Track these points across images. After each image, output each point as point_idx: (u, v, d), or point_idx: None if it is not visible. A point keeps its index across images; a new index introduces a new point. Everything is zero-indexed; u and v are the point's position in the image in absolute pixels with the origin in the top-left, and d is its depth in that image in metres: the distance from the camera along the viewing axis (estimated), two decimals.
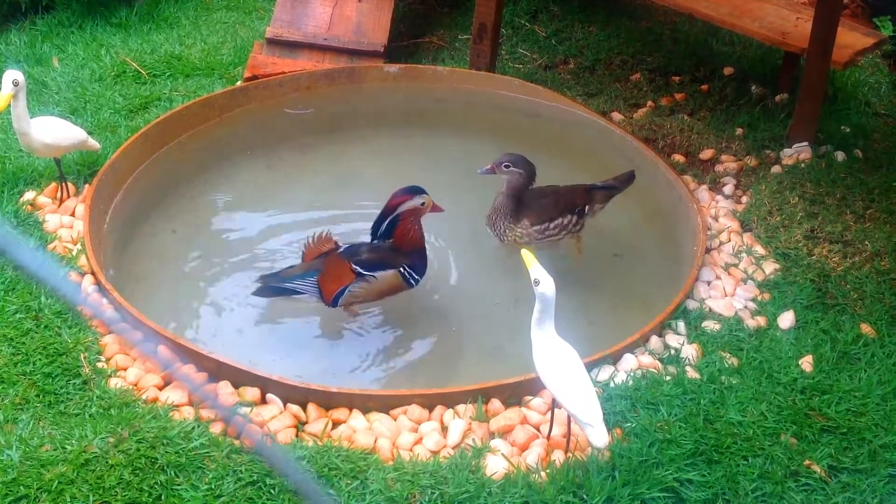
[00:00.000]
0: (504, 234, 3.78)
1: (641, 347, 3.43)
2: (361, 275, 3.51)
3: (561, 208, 3.80)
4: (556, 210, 3.79)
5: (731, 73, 5.06)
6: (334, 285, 3.52)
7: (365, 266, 3.52)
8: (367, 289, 3.54)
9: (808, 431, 3.12)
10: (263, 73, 4.81)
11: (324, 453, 2.93)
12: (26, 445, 2.88)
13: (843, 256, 3.84)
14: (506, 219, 3.76)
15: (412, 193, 3.52)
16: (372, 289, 3.55)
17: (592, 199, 3.89)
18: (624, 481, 2.86)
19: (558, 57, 5.26)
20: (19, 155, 4.14)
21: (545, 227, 3.78)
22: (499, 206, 3.77)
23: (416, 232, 3.55)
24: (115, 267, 3.79)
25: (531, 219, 3.76)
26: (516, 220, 3.75)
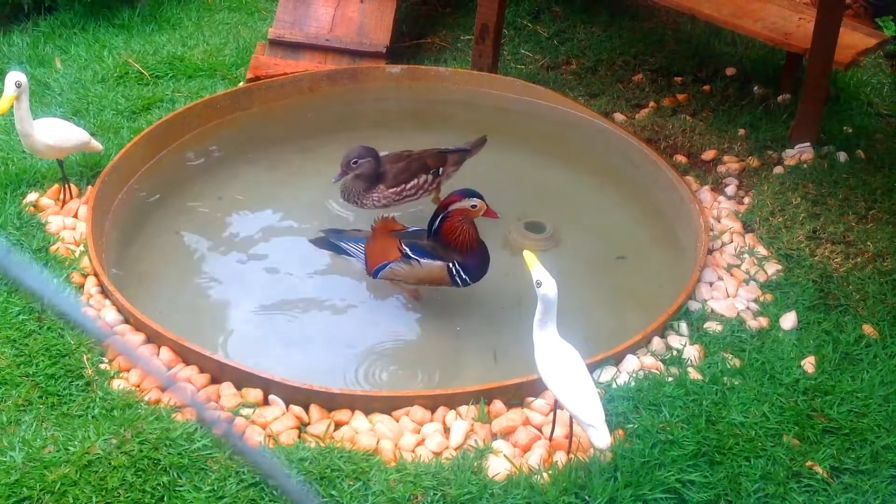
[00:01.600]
0: (361, 201, 3.92)
1: (643, 348, 3.43)
2: (407, 256, 3.58)
3: (415, 170, 3.96)
4: (410, 173, 3.95)
5: (734, 73, 5.06)
6: (379, 258, 3.63)
7: (413, 249, 3.59)
8: (408, 271, 3.61)
9: (811, 432, 3.12)
10: (266, 74, 4.82)
11: (326, 455, 2.93)
12: (29, 447, 2.89)
13: (845, 257, 3.83)
14: (362, 189, 3.90)
15: (464, 195, 3.53)
16: (413, 272, 3.61)
17: (446, 162, 4.05)
18: (626, 482, 2.86)
19: (560, 57, 5.26)
20: (22, 156, 4.15)
21: (402, 189, 3.93)
22: (351, 186, 3.91)
23: (465, 233, 3.55)
24: (118, 267, 3.79)
25: (388, 182, 3.91)
26: (373, 187, 3.89)
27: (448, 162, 4.08)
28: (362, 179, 3.89)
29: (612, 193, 4.43)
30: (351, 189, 3.92)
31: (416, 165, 3.98)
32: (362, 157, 3.84)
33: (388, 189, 3.92)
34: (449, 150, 4.09)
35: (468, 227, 3.55)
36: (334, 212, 4.22)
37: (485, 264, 3.62)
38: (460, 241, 3.54)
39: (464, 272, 3.56)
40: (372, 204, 3.93)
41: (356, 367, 3.52)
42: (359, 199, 3.94)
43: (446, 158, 4.07)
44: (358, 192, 3.91)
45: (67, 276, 3.57)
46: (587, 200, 4.39)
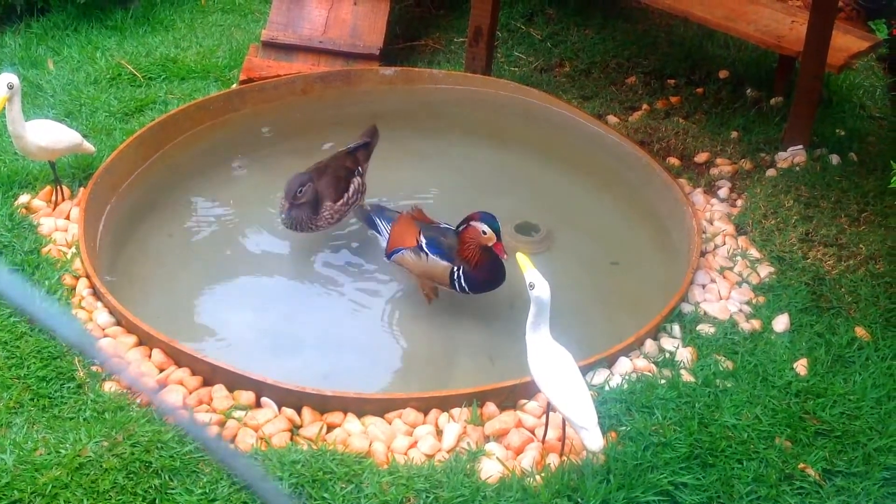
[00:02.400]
0: (315, 224, 3.84)
1: (636, 351, 3.43)
2: (420, 247, 3.61)
3: (344, 177, 3.93)
4: (343, 181, 3.91)
5: (727, 76, 5.07)
6: (397, 242, 3.68)
7: (429, 242, 3.62)
8: (415, 262, 3.64)
9: (803, 435, 3.12)
10: (259, 75, 4.81)
11: (318, 457, 2.93)
12: (20, 449, 2.88)
13: (837, 260, 3.84)
14: (308, 214, 3.80)
15: (482, 219, 3.51)
16: (419, 264, 3.64)
17: (358, 160, 4.04)
18: (619, 485, 2.86)
19: (554, 60, 5.27)
20: (14, 158, 4.13)
21: (346, 199, 3.89)
22: (296, 216, 3.78)
23: (471, 252, 3.54)
24: (110, 270, 3.79)
25: (331, 198, 3.86)
26: (318, 208, 3.83)
27: (361, 159, 4.07)
28: (307, 205, 3.79)
29: (605, 195, 4.43)
30: (298, 218, 3.80)
31: (343, 172, 3.94)
32: (304, 184, 3.75)
33: (335, 203, 3.85)
34: (353, 147, 4.07)
35: (476, 249, 3.52)
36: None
37: (491, 282, 3.60)
38: (468, 254, 3.55)
39: (464, 280, 3.57)
40: (325, 223, 3.86)
41: (349, 369, 3.51)
42: (312, 224, 3.83)
43: (358, 156, 4.06)
44: (306, 218, 3.80)
45: (59, 278, 3.55)
46: (580, 202, 4.39)
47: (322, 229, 3.89)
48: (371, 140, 4.14)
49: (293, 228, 3.84)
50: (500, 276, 3.61)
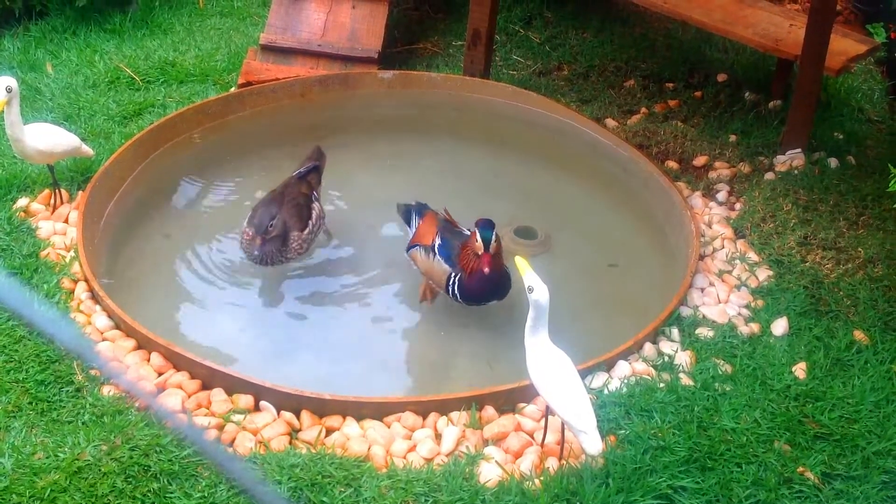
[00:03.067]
0: (286, 256, 3.70)
1: (635, 354, 3.43)
2: (432, 246, 3.62)
3: (305, 204, 3.81)
4: (305, 209, 3.80)
5: (725, 79, 5.07)
6: (417, 238, 3.70)
7: (441, 244, 3.62)
8: (423, 260, 3.65)
9: (802, 438, 3.12)
10: (257, 79, 4.81)
11: (317, 461, 2.92)
12: (19, 453, 2.88)
13: (836, 263, 3.84)
14: (278, 247, 3.66)
15: (479, 227, 3.47)
16: (425, 263, 3.65)
17: (311, 184, 3.95)
18: (618, 488, 2.86)
19: (552, 63, 5.27)
20: (13, 161, 4.13)
21: (311, 226, 3.80)
22: (265, 250, 3.64)
23: (467, 260, 3.50)
24: (109, 273, 3.78)
25: (298, 227, 3.72)
26: (288, 241, 3.69)
27: (314, 183, 3.95)
28: (277, 238, 3.66)
29: (604, 199, 4.43)
30: (267, 252, 3.65)
31: (302, 199, 3.81)
32: (273, 216, 3.62)
33: (302, 232, 3.73)
34: (303, 172, 3.93)
35: (473, 256, 3.47)
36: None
37: (484, 295, 3.55)
38: (464, 261, 3.51)
39: (457, 287, 3.54)
40: (295, 254, 3.73)
41: (347, 372, 3.51)
42: (283, 257, 3.70)
43: (310, 181, 3.94)
44: (276, 251, 3.66)
45: (57, 281, 3.55)
46: (579, 206, 4.39)
47: (292, 261, 3.77)
48: (319, 162, 4.02)
49: (263, 263, 3.68)
50: (494, 290, 3.53)
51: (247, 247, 3.70)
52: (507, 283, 3.56)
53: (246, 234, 3.69)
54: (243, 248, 3.74)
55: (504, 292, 3.57)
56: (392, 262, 4.00)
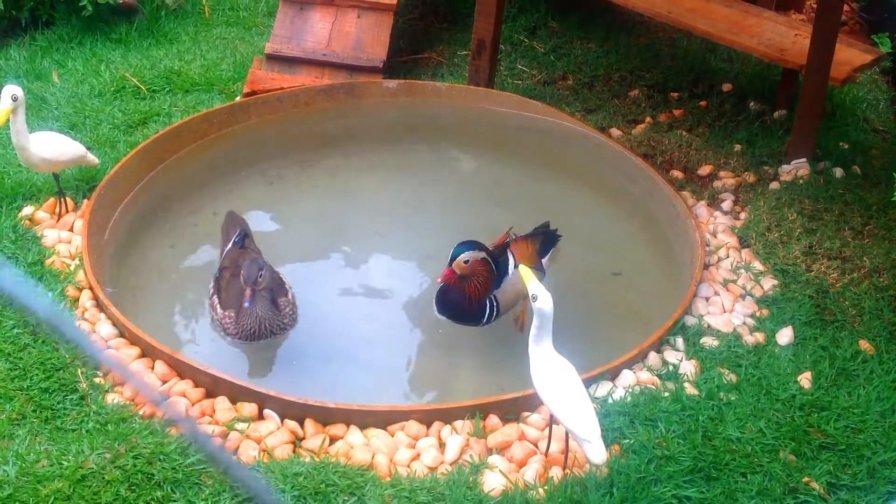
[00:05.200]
0: (283, 322, 3.49)
1: (640, 363, 3.43)
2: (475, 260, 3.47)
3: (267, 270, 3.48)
4: (276, 272, 3.59)
5: (730, 89, 5.08)
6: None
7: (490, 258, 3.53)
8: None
9: (807, 448, 3.11)
10: (262, 88, 4.82)
11: (321, 469, 2.92)
12: (23, 461, 2.88)
13: (841, 272, 3.83)
14: (273, 316, 3.45)
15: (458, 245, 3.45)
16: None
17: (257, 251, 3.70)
18: (622, 498, 2.85)
19: (557, 73, 5.28)
20: (18, 170, 4.14)
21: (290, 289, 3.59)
22: (264, 313, 3.42)
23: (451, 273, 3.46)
24: (113, 282, 3.79)
25: (282, 294, 3.53)
26: (278, 307, 3.49)
27: (255, 249, 3.71)
28: (265, 295, 3.42)
29: (609, 208, 4.43)
30: (264, 319, 3.41)
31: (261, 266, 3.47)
32: (261, 267, 3.39)
33: (288, 297, 3.55)
34: (237, 240, 3.68)
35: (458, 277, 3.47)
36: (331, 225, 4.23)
37: (441, 306, 3.53)
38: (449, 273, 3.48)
39: (436, 296, 3.56)
40: (290, 320, 3.52)
41: (351, 381, 3.51)
42: (280, 323, 3.46)
43: (250, 247, 3.70)
44: (272, 314, 3.42)
45: (62, 289, 3.56)
46: (583, 215, 4.39)
47: (289, 328, 3.53)
48: (242, 227, 3.75)
49: (256, 335, 3.41)
50: (450, 307, 3.49)
51: (227, 320, 3.44)
52: (472, 308, 3.48)
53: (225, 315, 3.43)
54: (222, 325, 3.46)
55: (464, 316, 3.51)
56: (397, 271, 4.01)
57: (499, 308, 3.53)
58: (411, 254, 3.97)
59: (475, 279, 3.45)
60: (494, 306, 3.52)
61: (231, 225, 3.78)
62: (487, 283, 3.48)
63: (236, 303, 3.42)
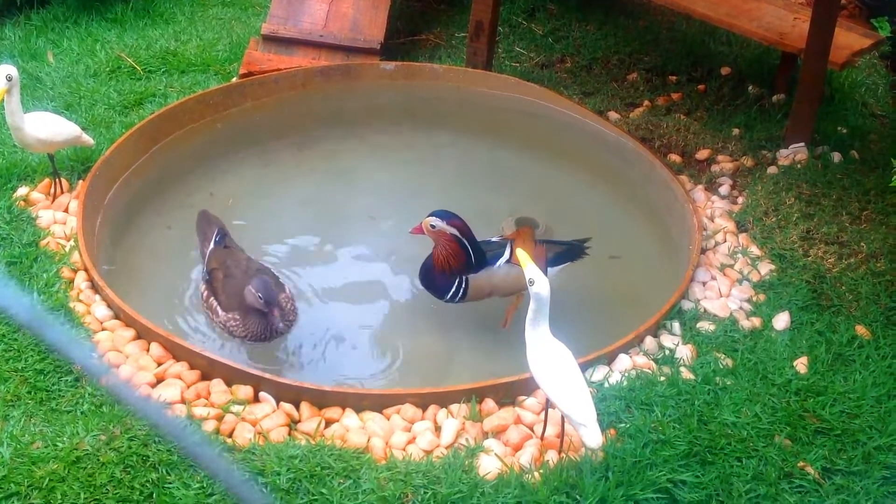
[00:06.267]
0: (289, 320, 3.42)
1: (636, 348, 3.42)
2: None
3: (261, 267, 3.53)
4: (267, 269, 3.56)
5: (729, 72, 5.05)
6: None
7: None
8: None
9: (803, 433, 3.11)
10: (259, 69, 4.79)
11: (316, 452, 2.91)
12: (17, 442, 2.87)
13: (838, 258, 3.83)
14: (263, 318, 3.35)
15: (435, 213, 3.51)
16: None
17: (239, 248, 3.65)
18: (617, 482, 2.85)
19: (555, 55, 5.25)
20: (12, 150, 4.12)
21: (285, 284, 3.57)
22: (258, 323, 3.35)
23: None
24: (109, 263, 3.77)
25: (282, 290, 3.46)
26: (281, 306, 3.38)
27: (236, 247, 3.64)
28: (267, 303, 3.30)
29: (606, 192, 4.42)
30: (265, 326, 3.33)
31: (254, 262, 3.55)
32: (267, 282, 3.33)
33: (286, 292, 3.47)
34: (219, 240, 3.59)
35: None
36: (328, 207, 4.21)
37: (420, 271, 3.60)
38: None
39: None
40: (295, 317, 3.44)
41: (347, 364, 3.50)
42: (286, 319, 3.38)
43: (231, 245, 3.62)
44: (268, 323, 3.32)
45: (57, 270, 3.54)
46: (580, 199, 4.38)
47: (294, 324, 3.47)
48: (218, 226, 3.65)
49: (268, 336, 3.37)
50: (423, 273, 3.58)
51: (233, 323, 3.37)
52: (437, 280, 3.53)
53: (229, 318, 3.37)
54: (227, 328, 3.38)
55: (429, 284, 3.57)
56: (393, 254, 4.00)
57: (466, 292, 3.53)
58: (407, 237, 3.95)
59: (440, 249, 3.49)
60: (462, 289, 3.52)
61: (206, 224, 3.68)
62: (454, 261, 3.50)
63: (237, 304, 3.35)
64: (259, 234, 4.07)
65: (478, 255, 3.53)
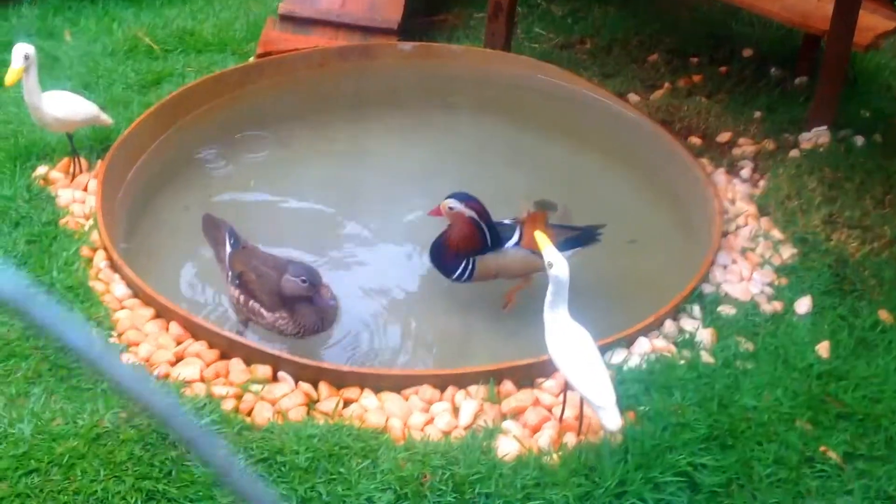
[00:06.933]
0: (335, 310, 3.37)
1: (656, 331, 3.40)
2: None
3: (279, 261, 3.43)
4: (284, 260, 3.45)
5: (751, 54, 5.00)
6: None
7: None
8: None
9: (824, 417, 3.09)
10: (276, 49, 4.78)
11: (335, 432, 2.91)
12: (38, 419, 2.88)
13: (861, 242, 3.79)
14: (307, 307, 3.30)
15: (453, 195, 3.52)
16: None
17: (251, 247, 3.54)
18: (636, 465, 2.83)
19: (574, 37, 5.20)
20: (32, 129, 4.12)
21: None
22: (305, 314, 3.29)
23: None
24: (127, 243, 3.77)
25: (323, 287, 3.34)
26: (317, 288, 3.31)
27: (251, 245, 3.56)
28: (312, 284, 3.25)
29: (625, 174, 4.39)
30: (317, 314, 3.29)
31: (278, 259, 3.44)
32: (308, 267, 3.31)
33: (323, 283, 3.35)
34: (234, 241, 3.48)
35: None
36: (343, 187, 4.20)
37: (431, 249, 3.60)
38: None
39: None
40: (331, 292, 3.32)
41: (366, 345, 3.50)
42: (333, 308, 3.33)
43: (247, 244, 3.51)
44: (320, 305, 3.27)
45: (76, 249, 3.54)
46: (599, 181, 4.35)
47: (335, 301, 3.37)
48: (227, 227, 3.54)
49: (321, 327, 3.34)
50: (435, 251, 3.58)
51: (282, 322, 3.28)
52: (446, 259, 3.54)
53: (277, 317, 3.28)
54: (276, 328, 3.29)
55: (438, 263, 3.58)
56: (411, 236, 3.98)
57: (472, 273, 3.53)
58: (425, 218, 3.93)
59: (457, 230, 3.49)
60: (469, 269, 3.53)
61: (214, 229, 3.56)
62: (467, 242, 3.50)
63: (280, 301, 3.26)
64: (275, 212, 4.06)
65: (493, 238, 3.52)
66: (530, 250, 3.47)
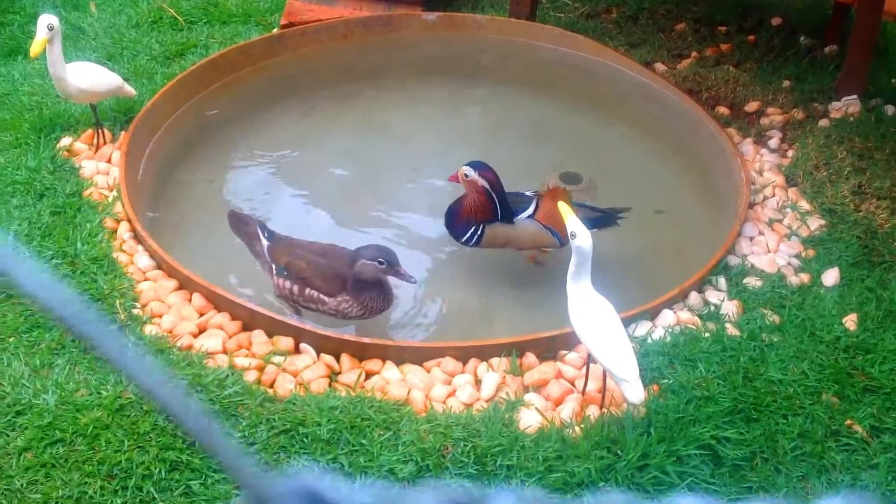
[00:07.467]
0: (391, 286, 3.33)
1: (680, 303, 3.37)
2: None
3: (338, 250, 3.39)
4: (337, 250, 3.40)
5: (780, 23, 4.91)
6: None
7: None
8: None
9: (851, 391, 3.05)
10: (300, 20, 4.75)
11: (357, 403, 2.92)
12: (62, 390, 2.90)
13: (891, 213, 3.72)
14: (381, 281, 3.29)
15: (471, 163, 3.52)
16: None
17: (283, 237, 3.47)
18: (660, 438, 2.82)
19: (601, 6, 5.13)
20: (56, 101, 4.13)
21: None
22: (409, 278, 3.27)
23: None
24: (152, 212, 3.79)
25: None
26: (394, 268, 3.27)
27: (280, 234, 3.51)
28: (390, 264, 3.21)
29: (652, 145, 4.34)
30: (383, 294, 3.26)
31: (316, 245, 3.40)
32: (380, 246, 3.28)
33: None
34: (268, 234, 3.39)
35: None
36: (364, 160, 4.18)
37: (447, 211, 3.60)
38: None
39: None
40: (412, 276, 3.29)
41: (387, 317, 3.49)
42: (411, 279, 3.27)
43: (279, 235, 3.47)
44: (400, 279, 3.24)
45: (100, 221, 3.56)
46: (625, 152, 4.30)
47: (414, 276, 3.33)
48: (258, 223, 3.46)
49: (383, 307, 3.31)
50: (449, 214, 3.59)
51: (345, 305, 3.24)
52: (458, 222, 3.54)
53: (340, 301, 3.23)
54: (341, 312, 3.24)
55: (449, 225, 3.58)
56: (433, 208, 3.96)
57: (481, 239, 3.54)
58: (447, 190, 3.91)
59: (471, 198, 3.50)
60: (477, 235, 3.53)
61: (243, 224, 3.48)
62: (478, 210, 3.50)
63: (341, 286, 3.22)
64: (298, 184, 4.05)
65: (504, 210, 3.50)
66: (542, 225, 3.46)
